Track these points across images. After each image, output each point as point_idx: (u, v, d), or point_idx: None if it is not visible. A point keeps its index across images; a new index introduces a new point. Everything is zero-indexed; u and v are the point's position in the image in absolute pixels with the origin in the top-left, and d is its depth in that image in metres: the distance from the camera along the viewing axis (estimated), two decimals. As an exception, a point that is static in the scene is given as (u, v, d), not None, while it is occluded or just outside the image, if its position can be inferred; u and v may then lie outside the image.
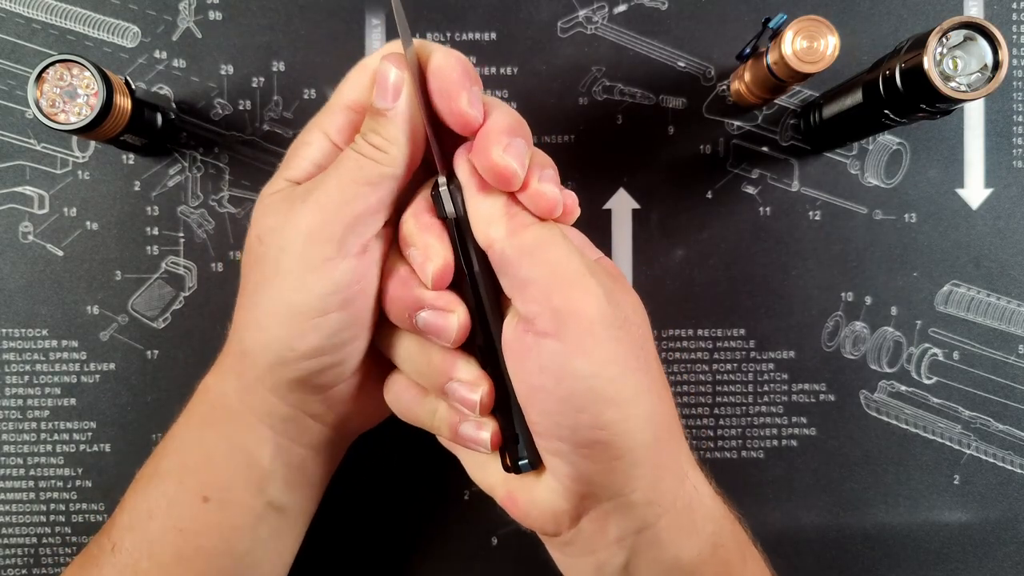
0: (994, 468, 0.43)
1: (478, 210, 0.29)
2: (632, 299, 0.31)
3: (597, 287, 0.28)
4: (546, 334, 0.28)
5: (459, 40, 0.42)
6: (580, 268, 0.28)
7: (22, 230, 0.42)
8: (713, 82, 0.43)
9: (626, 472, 0.29)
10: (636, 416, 0.28)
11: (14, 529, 0.42)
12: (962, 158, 0.43)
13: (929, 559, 0.43)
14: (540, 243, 0.28)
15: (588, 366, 0.28)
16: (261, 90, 0.42)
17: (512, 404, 0.30)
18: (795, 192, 0.43)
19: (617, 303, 0.29)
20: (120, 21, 0.42)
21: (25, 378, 0.42)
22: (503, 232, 0.29)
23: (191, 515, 0.32)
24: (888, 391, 0.43)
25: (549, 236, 0.29)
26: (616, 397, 0.28)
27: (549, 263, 0.28)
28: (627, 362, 0.28)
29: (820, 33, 0.35)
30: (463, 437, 0.31)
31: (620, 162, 0.43)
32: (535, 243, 0.28)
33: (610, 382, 0.28)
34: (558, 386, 0.28)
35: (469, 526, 0.42)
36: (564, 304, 0.28)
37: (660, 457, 0.29)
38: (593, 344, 0.28)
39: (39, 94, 0.35)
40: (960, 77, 0.31)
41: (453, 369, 0.30)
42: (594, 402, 0.28)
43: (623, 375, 0.28)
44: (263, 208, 0.31)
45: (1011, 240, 0.43)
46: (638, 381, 0.28)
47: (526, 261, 0.28)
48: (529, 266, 0.28)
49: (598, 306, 0.28)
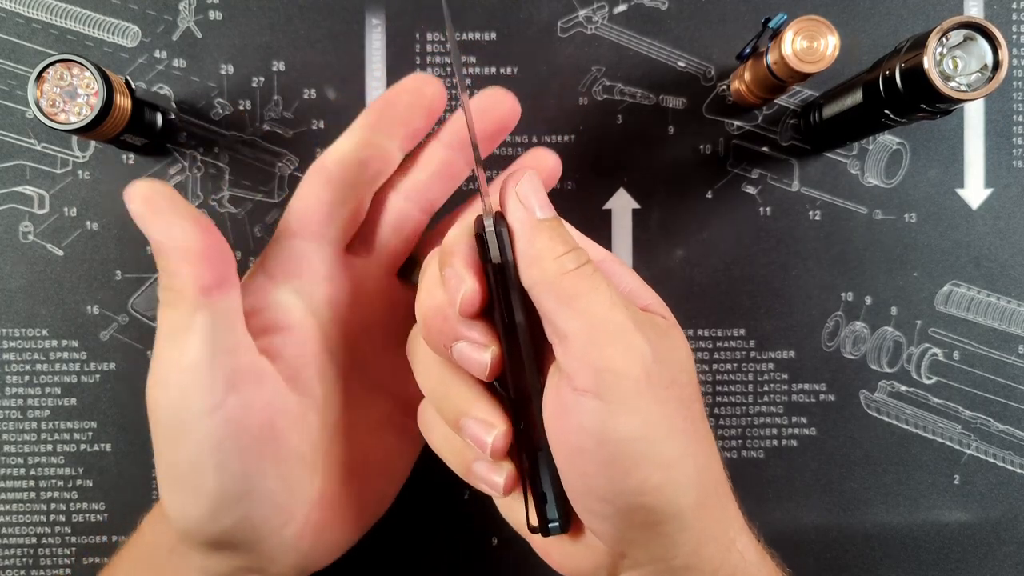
0: (994, 468, 0.43)
1: (526, 252, 0.27)
2: (681, 354, 0.28)
3: (642, 343, 0.26)
4: (586, 392, 0.26)
5: (459, 40, 0.42)
6: (624, 322, 0.26)
7: (22, 230, 0.42)
8: (713, 82, 0.43)
9: (670, 537, 0.27)
10: (682, 479, 0.26)
11: (14, 529, 0.42)
12: (962, 158, 0.43)
13: (929, 559, 0.43)
14: (579, 292, 0.26)
15: (632, 428, 0.25)
16: (261, 90, 0.42)
17: (543, 462, 0.28)
18: (795, 192, 0.43)
19: (664, 360, 0.26)
20: (120, 21, 0.42)
21: (25, 378, 0.42)
22: (542, 276, 0.26)
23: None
24: (888, 391, 0.43)
25: (591, 284, 0.26)
26: (661, 460, 0.26)
27: (589, 315, 0.26)
28: (673, 423, 0.26)
29: (820, 33, 0.35)
30: (475, 475, 0.29)
31: (620, 162, 0.43)
32: (574, 291, 0.26)
33: (655, 444, 0.26)
34: (600, 448, 0.26)
35: (469, 526, 0.42)
36: (605, 362, 0.25)
37: (705, 522, 0.27)
38: (637, 404, 0.25)
39: (39, 94, 0.35)
40: (960, 77, 0.31)
41: (471, 406, 0.28)
42: (637, 465, 0.26)
43: (669, 437, 0.26)
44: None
45: (1011, 240, 0.43)
46: (685, 443, 0.27)
47: (565, 311, 0.26)
48: (568, 317, 0.26)
49: (642, 365, 0.25)
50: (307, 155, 0.42)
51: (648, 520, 0.26)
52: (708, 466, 0.28)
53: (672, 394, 0.26)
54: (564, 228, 0.27)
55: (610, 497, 0.26)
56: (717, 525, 0.28)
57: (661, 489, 0.26)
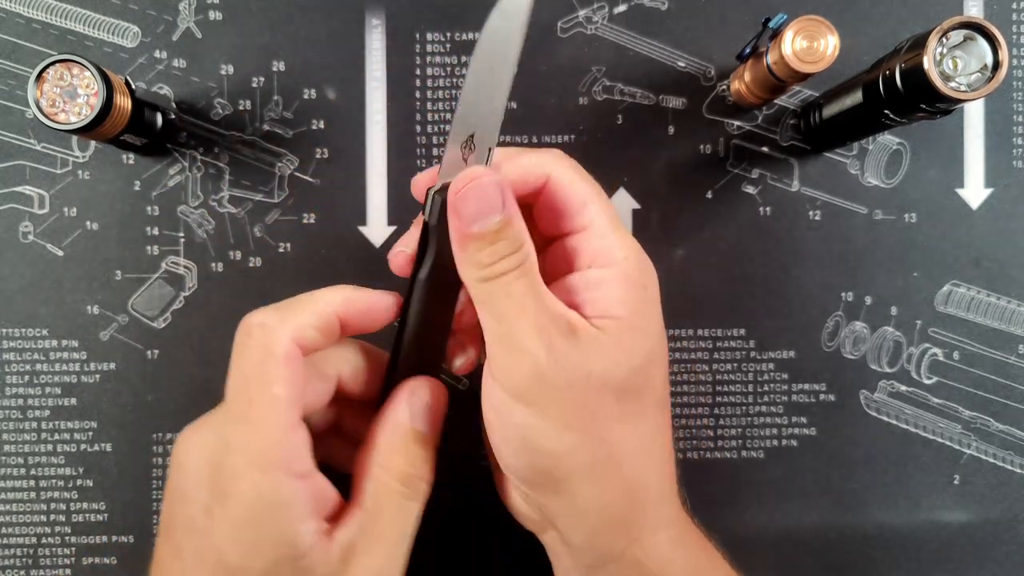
0: (994, 468, 0.43)
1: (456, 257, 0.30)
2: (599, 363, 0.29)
3: (537, 349, 0.28)
4: (495, 379, 0.30)
5: (459, 40, 0.42)
6: (525, 330, 0.28)
7: (22, 230, 0.42)
8: (713, 82, 0.43)
9: (566, 514, 0.30)
10: (570, 469, 0.29)
11: (14, 529, 0.42)
12: (962, 158, 0.43)
13: (929, 559, 0.43)
14: (493, 297, 0.29)
15: (522, 417, 0.29)
16: (261, 90, 0.42)
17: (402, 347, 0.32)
18: (795, 192, 0.43)
19: (565, 367, 0.28)
20: (120, 21, 0.42)
21: (25, 378, 0.42)
22: (466, 280, 0.30)
23: None
24: (888, 391, 0.43)
25: (504, 292, 0.29)
26: (549, 450, 0.29)
27: (498, 318, 0.29)
28: (566, 419, 0.29)
29: (820, 33, 0.35)
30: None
31: (620, 162, 0.43)
32: (488, 297, 0.29)
33: (544, 435, 0.29)
34: (502, 426, 0.30)
35: (469, 526, 0.42)
36: (503, 360, 0.29)
37: (604, 512, 0.30)
38: (530, 399, 0.29)
39: (39, 94, 0.35)
40: (960, 77, 0.31)
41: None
42: (526, 448, 0.30)
43: (559, 432, 0.29)
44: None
45: (1011, 240, 0.43)
46: (578, 440, 0.29)
47: (481, 312, 0.30)
48: (483, 317, 0.30)
49: (533, 367, 0.28)
50: (307, 155, 0.42)
51: (543, 494, 0.30)
52: (611, 465, 0.30)
53: (568, 395, 0.29)
54: (507, 233, 0.29)
55: (512, 467, 0.31)
56: (620, 520, 0.31)
57: (548, 471, 0.30)
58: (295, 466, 0.27)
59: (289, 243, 0.42)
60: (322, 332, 0.29)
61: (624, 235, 0.31)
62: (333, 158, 0.42)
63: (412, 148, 0.42)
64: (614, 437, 0.30)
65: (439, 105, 0.43)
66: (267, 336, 0.28)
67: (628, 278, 0.30)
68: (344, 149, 0.42)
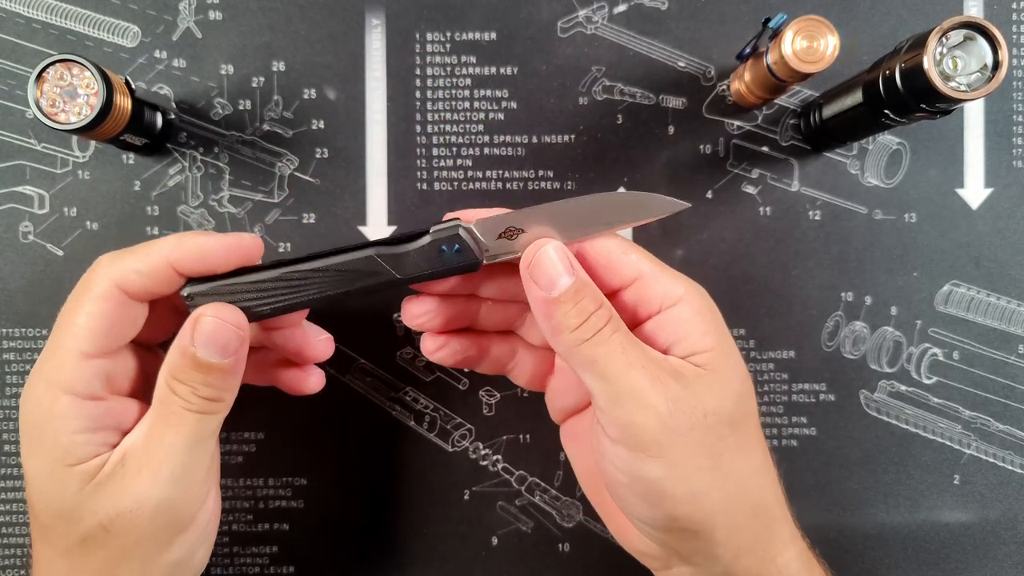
0: (994, 468, 0.43)
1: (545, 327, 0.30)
2: (708, 400, 0.30)
3: (657, 399, 0.29)
4: (617, 441, 0.30)
5: (459, 40, 0.42)
6: (638, 383, 0.29)
7: (22, 230, 0.42)
8: (713, 82, 0.43)
9: (705, 550, 0.30)
10: (707, 508, 0.30)
11: (14, 529, 0.42)
12: (962, 158, 0.43)
13: (929, 559, 0.43)
14: (596, 358, 0.29)
15: (655, 471, 0.29)
16: (261, 90, 0.42)
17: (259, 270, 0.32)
18: (795, 192, 0.43)
19: (684, 410, 0.29)
20: (120, 21, 0.42)
21: (25, 377, 0.42)
22: (562, 348, 0.30)
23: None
24: (888, 391, 0.43)
25: (606, 351, 0.29)
26: (685, 494, 0.29)
27: (606, 379, 0.29)
28: (697, 462, 0.29)
29: (820, 33, 0.35)
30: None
31: (620, 162, 0.43)
32: (592, 359, 0.29)
33: (678, 483, 0.29)
34: (633, 484, 0.30)
35: (469, 526, 0.42)
36: (626, 418, 0.29)
37: (740, 539, 0.31)
38: (658, 451, 0.29)
39: (39, 94, 0.35)
40: (960, 77, 0.31)
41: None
42: (663, 500, 0.29)
43: (692, 474, 0.29)
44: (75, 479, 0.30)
45: (1011, 240, 0.43)
46: (711, 478, 0.29)
47: (587, 376, 0.30)
48: (590, 381, 0.30)
49: (658, 419, 0.29)
50: (307, 155, 0.42)
51: (683, 537, 0.30)
52: (740, 492, 0.31)
53: (693, 437, 0.29)
54: (586, 292, 0.30)
55: (647, 519, 0.31)
56: (755, 542, 0.31)
57: (689, 516, 0.30)
58: (79, 387, 0.30)
59: (289, 243, 0.42)
60: (149, 276, 0.31)
61: (672, 272, 0.32)
62: (333, 158, 0.42)
63: (412, 148, 0.42)
64: (737, 467, 0.30)
65: (439, 105, 0.43)
66: (92, 273, 0.31)
67: (699, 309, 0.31)
68: (344, 149, 0.42)
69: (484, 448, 0.43)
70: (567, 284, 0.30)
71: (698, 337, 0.31)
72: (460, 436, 0.43)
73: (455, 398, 0.43)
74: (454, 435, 0.43)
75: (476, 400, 0.43)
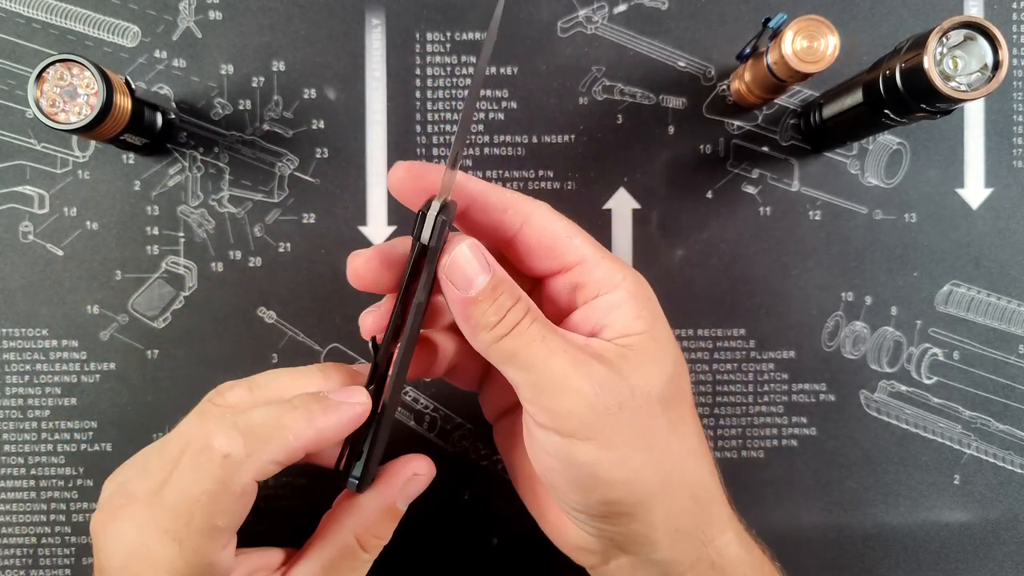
0: (994, 468, 0.43)
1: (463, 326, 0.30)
2: (636, 378, 0.30)
3: (581, 383, 0.28)
4: (547, 428, 0.29)
5: (459, 40, 0.42)
6: (561, 369, 0.29)
7: (22, 230, 0.42)
8: (713, 82, 0.43)
9: (642, 535, 0.30)
10: (644, 490, 0.29)
11: (14, 529, 0.42)
12: (962, 158, 0.43)
13: (929, 559, 0.43)
14: (516, 350, 0.29)
15: (587, 454, 0.29)
16: (261, 90, 0.42)
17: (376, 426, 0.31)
18: (795, 192, 0.43)
19: (610, 391, 0.29)
20: (120, 21, 0.42)
21: (25, 378, 0.42)
22: (482, 346, 0.29)
23: None
24: (888, 391, 0.43)
25: (525, 341, 0.29)
26: (618, 477, 0.29)
27: (528, 369, 0.29)
28: (629, 441, 0.29)
29: (820, 33, 0.35)
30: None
31: (620, 162, 0.43)
32: (512, 351, 0.29)
33: (610, 466, 0.29)
34: (566, 471, 0.29)
35: (469, 526, 0.42)
36: (553, 405, 0.29)
37: (678, 522, 0.30)
38: (589, 432, 0.29)
39: (39, 94, 0.35)
40: (960, 77, 0.31)
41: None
42: (597, 484, 0.29)
43: (627, 456, 0.29)
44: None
45: (1011, 240, 0.43)
46: (644, 459, 0.29)
47: (508, 369, 0.29)
48: (512, 372, 0.29)
49: (584, 402, 0.28)
50: (307, 155, 0.42)
51: (619, 522, 0.30)
52: (676, 474, 0.30)
53: (623, 417, 0.29)
54: (503, 287, 0.29)
55: (582, 506, 0.30)
56: (692, 525, 0.31)
57: (623, 500, 0.29)
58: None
59: (289, 243, 0.42)
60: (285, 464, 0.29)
61: (613, 259, 0.32)
62: (333, 158, 0.42)
63: (412, 148, 0.42)
64: (671, 447, 0.30)
65: (439, 105, 0.43)
66: (227, 469, 0.28)
67: (635, 295, 0.31)
68: (344, 149, 0.42)
69: (484, 448, 0.43)
70: (484, 282, 0.29)
71: (629, 321, 0.31)
72: (460, 436, 0.43)
73: (455, 398, 0.43)
74: (454, 435, 0.43)
75: (476, 400, 0.43)
